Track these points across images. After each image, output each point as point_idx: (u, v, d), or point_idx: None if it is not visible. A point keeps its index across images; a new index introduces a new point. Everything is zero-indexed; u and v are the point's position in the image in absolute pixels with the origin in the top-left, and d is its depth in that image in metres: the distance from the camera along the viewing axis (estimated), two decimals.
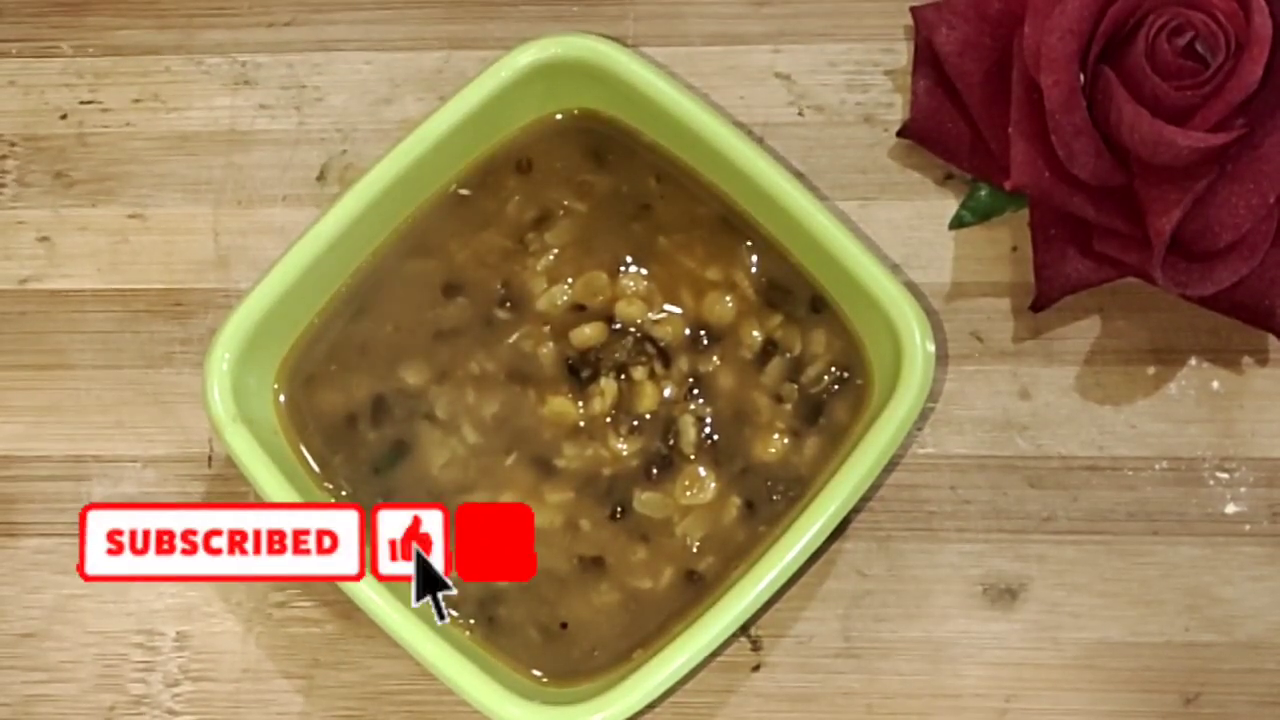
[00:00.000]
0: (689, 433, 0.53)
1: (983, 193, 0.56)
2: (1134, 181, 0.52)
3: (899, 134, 0.57)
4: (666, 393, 0.53)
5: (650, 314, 0.54)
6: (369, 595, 0.49)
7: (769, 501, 0.52)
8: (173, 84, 0.59)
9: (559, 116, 0.55)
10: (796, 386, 0.53)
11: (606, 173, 0.55)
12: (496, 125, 0.54)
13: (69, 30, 0.60)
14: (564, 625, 0.52)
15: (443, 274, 0.54)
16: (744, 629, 0.53)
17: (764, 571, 0.49)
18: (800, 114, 0.58)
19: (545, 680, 0.51)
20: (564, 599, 0.52)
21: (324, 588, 0.54)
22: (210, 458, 0.55)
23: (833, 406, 0.53)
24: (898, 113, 0.57)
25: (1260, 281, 0.53)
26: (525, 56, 0.53)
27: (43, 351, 0.57)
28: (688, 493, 0.52)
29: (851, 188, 0.57)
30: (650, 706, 0.49)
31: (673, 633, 0.49)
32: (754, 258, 0.54)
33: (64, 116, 0.59)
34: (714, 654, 0.50)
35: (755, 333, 0.53)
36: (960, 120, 0.56)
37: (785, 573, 0.49)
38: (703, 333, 0.54)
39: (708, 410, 0.53)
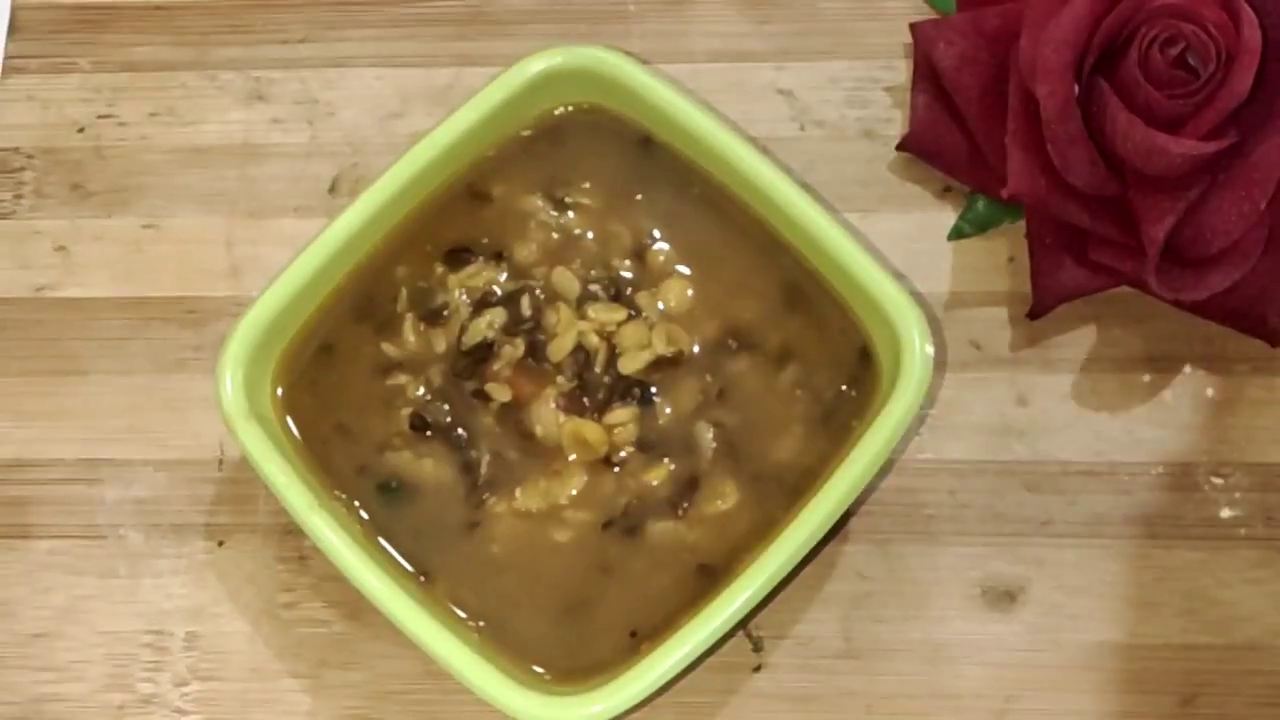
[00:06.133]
0: (706, 438, 0.53)
1: (980, 204, 0.57)
2: (1128, 190, 0.53)
3: (898, 147, 0.58)
4: (685, 400, 0.54)
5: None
6: (376, 587, 0.50)
7: (781, 502, 0.53)
8: (188, 99, 0.60)
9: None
10: (810, 390, 0.54)
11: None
12: (503, 131, 0.56)
13: (87, 46, 0.61)
14: (571, 624, 0.52)
15: None
16: (743, 626, 0.53)
17: (763, 567, 0.49)
18: (802, 129, 0.59)
19: (549, 678, 0.51)
20: (572, 599, 0.52)
21: (332, 588, 0.54)
22: (221, 461, 0.56)
23: (844, 409, 0.53)
24: (897, 127, 0.59)
25: (1252, 289, 0.54)
26: (536, 65, 0.54)
27: (58, 357, 0.58)
28: (709, 503, 0.53)
29: (852, 200, 0.58)
30: (651, 699, 0.50)
31: (677, 626, 0.50)
32: (769, 263, 0.55)
33: (81, 130, 0.60)
34: (713, 651, 0.51)
35: (770, 337, 0.54)
36: (958, 134, 0.57)
37: (784, 568, 0.50)
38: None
39: (725, 416, 0.54)
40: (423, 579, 0.52)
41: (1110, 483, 0.55)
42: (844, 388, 0.54)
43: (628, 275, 0.55)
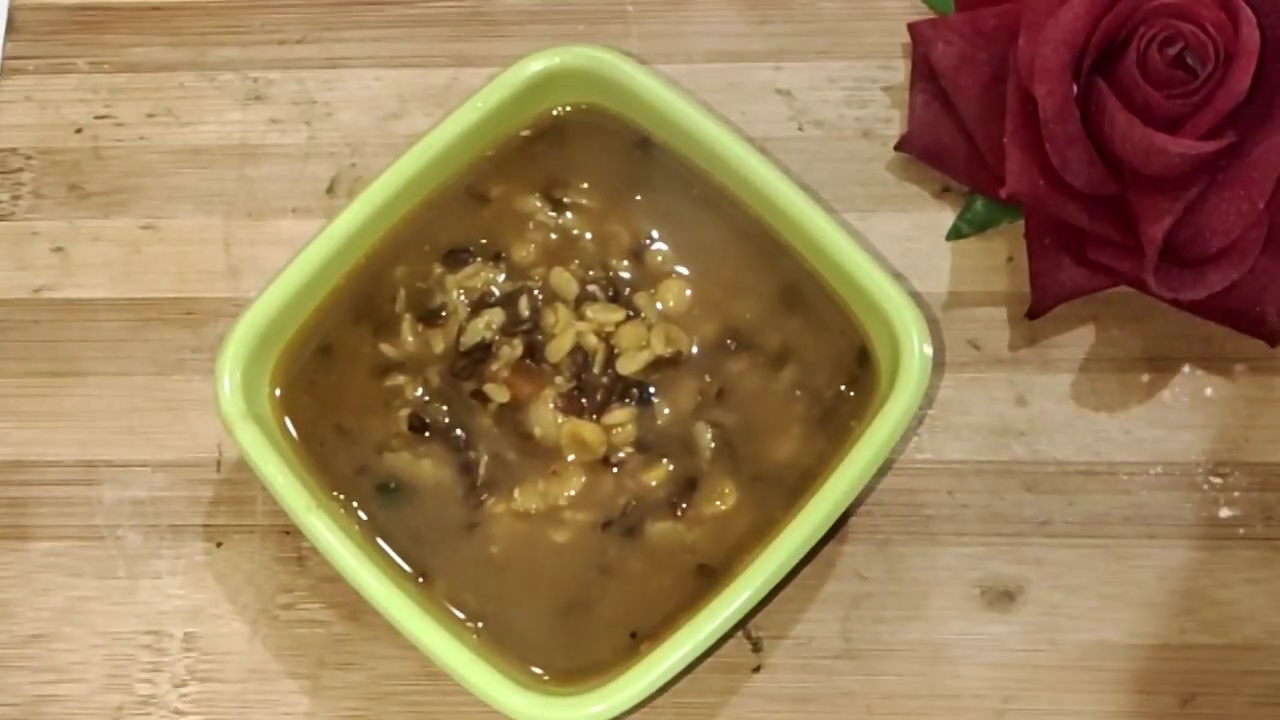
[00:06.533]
0: (705, 439, 0.53)
1: (979, 204, 0.57)
2: (1126, 190, 0.53)
3: (897, 148, 0.58)
4: (684, 400, 0.54)
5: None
6: (375, 588, 0.50)
7: (780, 503, 0.53)
8: (186, 99, 0.60)
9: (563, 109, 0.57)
10: (810, 391, 0.54)
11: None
12: (502, 132, 0.56)
13: (85, 47, 0.61)
14: (570, 625, 0.52)
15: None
16: (742, 626, 0.53)
17: (762, 567, 0.50)
18: (800, 129, 0.59)
19: (548, 678, 0.51)
20: (571, 599, 0.52)
21: (330, 589, 0.54)
22: (219, 462, 0.56)
23: (843, 409, 0.53)
24: (896, 127, 0.59)
25: (1251, 288, 0.54)
26: (534, 65, 0.55)
27: (56, 359, 0.58)
28: (708, 503, 0.53)
29: (850, 200, 0.58)
30: (650, 700, 0.50)
31: (676, 626, 0.50)
32: (768, 263, 0.55)
33: (79, 130, 0.60)
34: (713, 651, 0.51)
35: (769, 338, 0.54)
36: (956, 134, 0.57)
37: (783, 569, 0.50)
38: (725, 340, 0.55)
39: (724, 417, 0.54)
40: (421, 580, 0.52)
41: (1109, 482, 0.55)
42: (843, 388, 0.54)
43: (626, 276, 0.55)
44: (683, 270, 0.55)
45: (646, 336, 0.54)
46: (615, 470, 0.53)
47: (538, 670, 0.51)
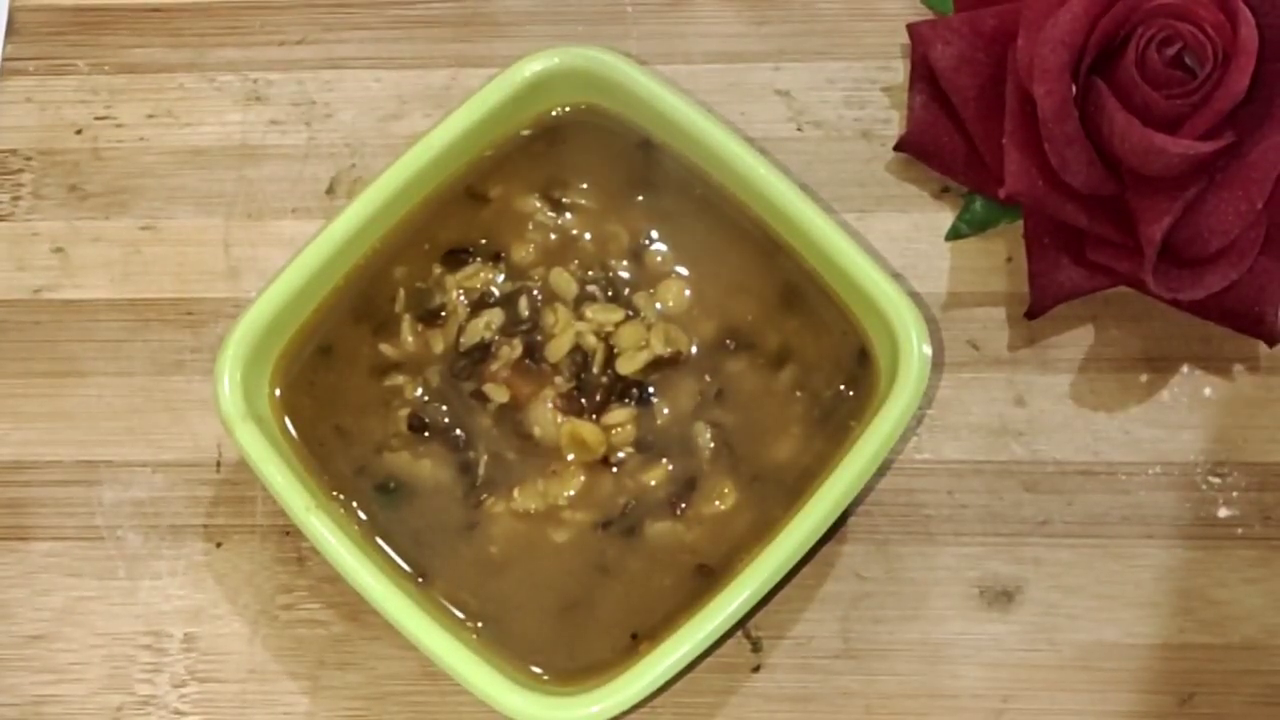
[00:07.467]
0: (704, 439, 0.53)
1: (978, 205, 0.58)
2: (1125, 190, 0.53)
3: (896, 148, 0.58)
4: (683, 400, 0.54)
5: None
6: (374, 588, 0.50)
7: (779, 503, 0.53)
8: (185, 100, 0.61)
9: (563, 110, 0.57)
10: (809, 391, 0.54)
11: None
12: (501, 132, 0.56)
13: (85, 49, 0.61)
14: (569, 625, 0.52)
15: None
16: (742, 626, 0.54)
17: (762, 567, 0.50)
18: (799, 129, 0.59)
19: (548, 678, 0.52)
20: (571, 599, 0.52)
21: (330, 589, 0.55)
22: (219, 463, 0.56)
23: (842, 409, 0.53)
24: (895, 128, 0.59)
25: (1249, 288, 0.54)
26: (533, 66, 0.55)
27: (56, 359, 0.58)
28: (707, 503, 0.53)
29: (850, 200, 0.58)
30: (649, 700, 0.50)
31: (676, 626, 0.50)
32: (767, 263, 0.55)
33: (79, 131, 0.60)
34: (712, 651, 0.51)
35: (768, 338, 0.54)
36: (955, 134, 0.57)
37: (783, 569, 0.50)
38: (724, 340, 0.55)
39: (723, 417, 0.54)
40: (421, 580, 0.53)
41: (1108, 482, 0.55)
42: (842, 388, 0.54)
43: (625, 276, 0.55)
44: (682, 270, 0.55)
45: (646, 336, 0.54)
46: (614, 470, 0.53)
47: (537, 670, 0.52)
